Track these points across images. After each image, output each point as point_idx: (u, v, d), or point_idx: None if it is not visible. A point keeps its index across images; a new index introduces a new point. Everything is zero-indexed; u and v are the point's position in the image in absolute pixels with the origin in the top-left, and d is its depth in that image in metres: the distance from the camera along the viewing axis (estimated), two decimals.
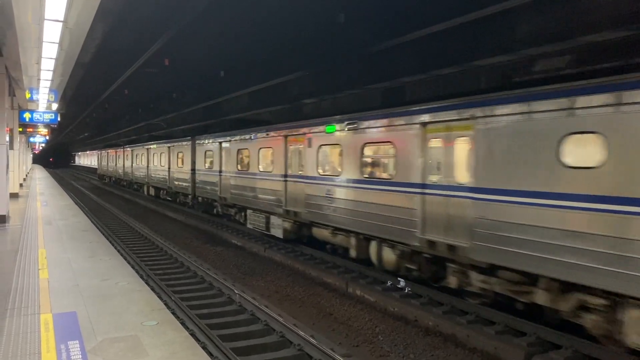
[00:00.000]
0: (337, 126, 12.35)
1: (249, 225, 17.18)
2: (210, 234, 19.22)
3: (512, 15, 9.74)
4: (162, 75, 21.43)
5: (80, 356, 5.27)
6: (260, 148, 16.20)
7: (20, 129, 26.09)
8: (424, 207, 9.41)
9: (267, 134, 15.81)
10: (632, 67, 6.93)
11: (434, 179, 9.31)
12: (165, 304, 8.46)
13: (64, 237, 12.75)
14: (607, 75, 6.68)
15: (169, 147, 27.74)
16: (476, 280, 8.55)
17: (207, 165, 21.26)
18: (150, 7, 12.98)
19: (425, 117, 9.53)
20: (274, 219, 15.37)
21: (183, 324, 7.71)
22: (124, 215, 23.83)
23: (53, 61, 13.09)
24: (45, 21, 9.04)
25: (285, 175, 14.72)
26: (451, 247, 8.78)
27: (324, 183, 12.77)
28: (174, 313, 8.27)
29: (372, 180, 10.97)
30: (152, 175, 31.57)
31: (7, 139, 16.57)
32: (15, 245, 11.66)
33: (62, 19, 8.88)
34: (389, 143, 10.48)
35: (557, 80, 7.44)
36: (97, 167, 62.18)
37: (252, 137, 16.96)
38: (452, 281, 9.13)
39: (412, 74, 12.83)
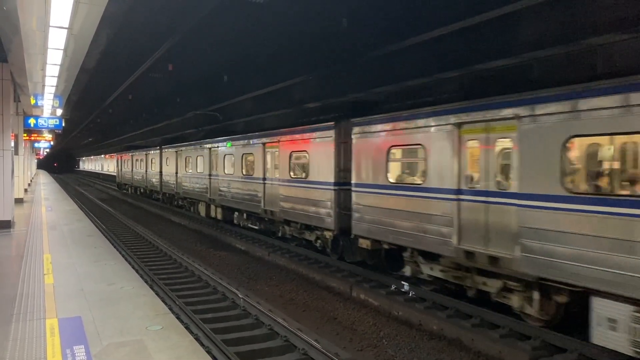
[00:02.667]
0: None
1: None
2: (214, 239, 19.24)
3: (515, 18, 9.77)
4: (166, 80, 21.56)
5: None
6: None
7: (25, 135, 26.23)
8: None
9: None
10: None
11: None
12: (170, 309, 8.47)
13: (68, 242, 12.79)
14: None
15: (263, 143, 16.42)
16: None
17: (398, 174, 10.84)
18: (154, 13, 13.07)
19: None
20: None
21: (187, 328, 7.72)
22: (128, 220, 23.89)
23: (58, 67, 13.19)
24: (50, 28, 9.13)
25: None
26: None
27: None
28: (178, 317, 8.29)
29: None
30: (223, 189, 19.83)
31: (12, 144, 16.66)
32: (20, 250, 11.71)
33: (67, 25, 8.97)
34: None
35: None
36: (115, 174, 50.71)
37: None
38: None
39: (415, 78, 12.87)
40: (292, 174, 14.54)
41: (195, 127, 28.86)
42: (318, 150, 13.26)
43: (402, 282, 10.83)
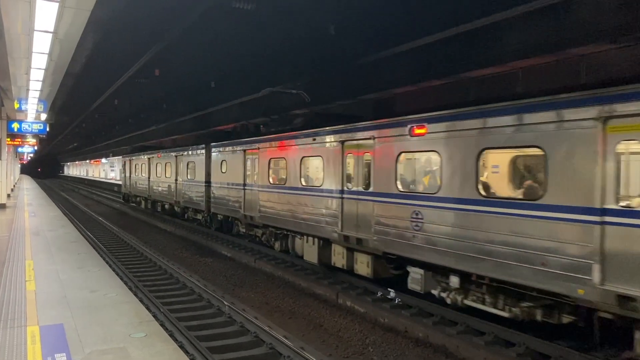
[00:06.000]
0: None
1: None
2: (200, 245, 19.11)
3: (501, 28, 9.89)
4: (153, 86, 21.46)
5: None
6: None
7: (9, 140, 25.91)
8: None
9: None
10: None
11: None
12: (154, 316, 8.39)
13: (52, 248, 12.62)
14: None
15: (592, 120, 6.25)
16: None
17: None
18: (141, 18, 13.02)
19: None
20: None
21: (172, 335, 7.65)
22: (113, 226, 23.65)
23: (42, 71, 13.06)
24: (35, 32, 9.04)
25: None
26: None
27: None
28: (162, 325, 8.21)
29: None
30: (386, 222, 9.74)
31: None
32: (2, 256, 11.52)
33: (52, 30, 8.89)
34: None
35: None
36: (121, 182, 37.77)
37: None
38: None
39: (402, 85, 12.96)
40: None
41: (190, 131, 27.53)
42: None
43: (389, 289, 10.84)
